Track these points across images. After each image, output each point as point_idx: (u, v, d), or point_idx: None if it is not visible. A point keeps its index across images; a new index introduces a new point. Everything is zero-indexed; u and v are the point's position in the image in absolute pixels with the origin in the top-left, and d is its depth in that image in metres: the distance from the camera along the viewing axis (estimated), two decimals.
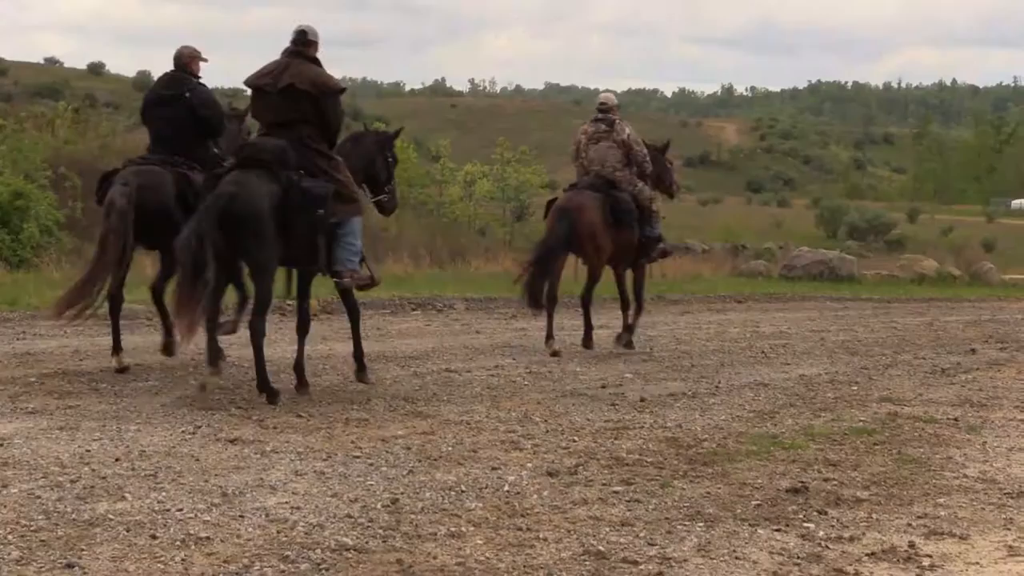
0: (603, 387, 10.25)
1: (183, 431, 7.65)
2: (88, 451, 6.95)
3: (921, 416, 9.30)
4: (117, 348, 10.33)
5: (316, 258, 9.28)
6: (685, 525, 5.85)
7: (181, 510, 5.77)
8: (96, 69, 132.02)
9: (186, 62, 10.74)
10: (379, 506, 5.98)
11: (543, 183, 51.51)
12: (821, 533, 5.80)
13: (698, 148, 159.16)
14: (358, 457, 7.05)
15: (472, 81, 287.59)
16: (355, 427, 8.02)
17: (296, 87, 9.18)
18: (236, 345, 11.13)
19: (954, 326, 18.68)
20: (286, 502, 5.99)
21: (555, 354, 12.30)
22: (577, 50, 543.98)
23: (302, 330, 9.62)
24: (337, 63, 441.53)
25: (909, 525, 5.98)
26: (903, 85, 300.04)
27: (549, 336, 12.61)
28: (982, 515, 6.23)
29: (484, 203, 49.60)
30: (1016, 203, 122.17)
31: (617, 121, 12.97)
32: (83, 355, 11.06)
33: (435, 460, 7.06)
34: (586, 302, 13.16)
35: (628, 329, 13.35)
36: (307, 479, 6.48)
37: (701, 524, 5.87)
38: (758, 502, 6.30)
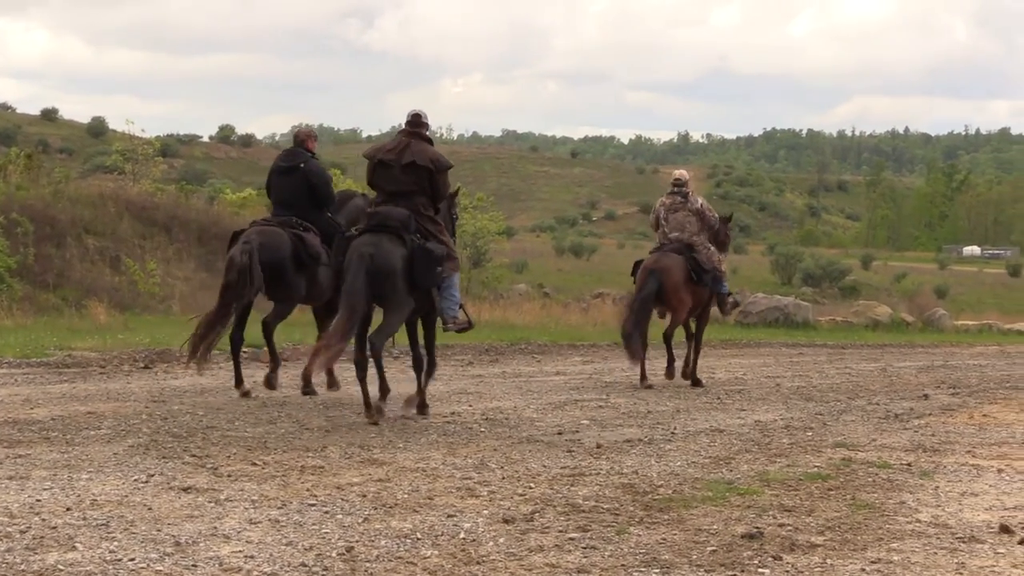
0: (559, 434, 10.24)
1: (136, 479, 7.60)
2: (38, 500, 6.89)
3: (875, 461, 9.34)
4: (239, 381, 12.13)
5: (432, 308, 10.96)
6: (641, 571, 5.84)
7: (133, 560, 5.72)
8: (49, 115, 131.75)
9: (302, 139, 12.71)
10: (334, 554, 5.95)
11: (500, 230, 51.47)
12: None
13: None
14: (313, 505, 7.02)
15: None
16: (310, 475, 7.98)
17: (417, 163, 10.78)
18: (191, 392, 11.04)
19: (907, 372, 18.80)
20: (240, 551, 5.95)
21: (649, 386, 14.40)
22: (534, 97, 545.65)
23: (430, 370, 11.34)
24: (293, 109, 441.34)
25: (863, 570, 5.99)
26: (856, 133, 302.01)
27: (643, 377, 14.63)
28: (935, 560, 6.25)
29: None
30: (968, 250, 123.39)
31: (690, 193, 15.10)
32: (33, 403, 10.98)
33: (391, 507, 7.03)
34: (668, 339, 15.05)
35: (691, 369, 15.27)
36: (261, 527, 6.44)
37: (657, 570, 5.87)
38: (714, 548, 6.31)
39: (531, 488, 7.77)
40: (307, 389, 12.40)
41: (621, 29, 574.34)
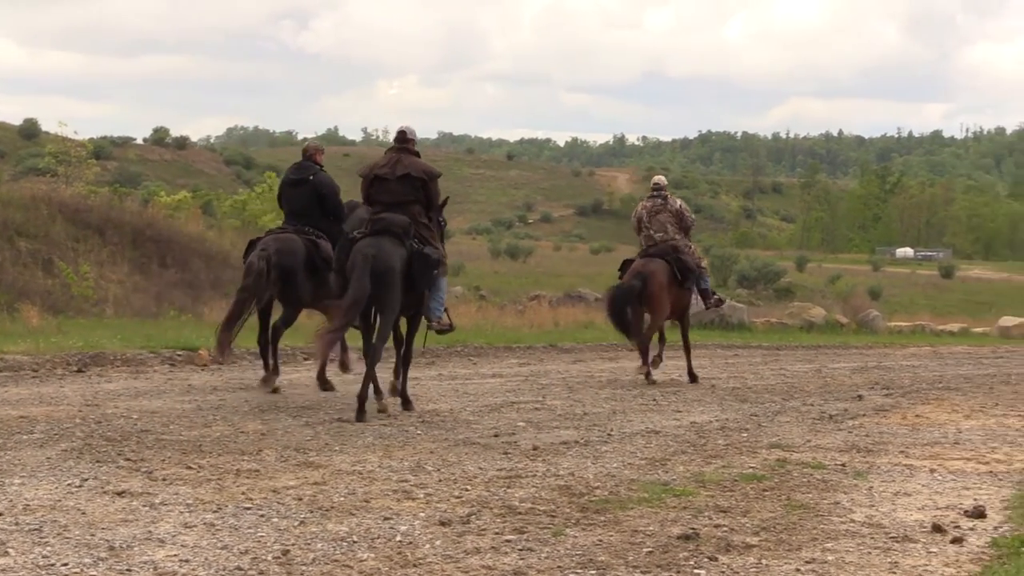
0: (496, 436, 10.25)
1: (69, 484, 7.53)
2: None
3: (809, 462, 9.40)
4: (275, 371, 13.09)
5: (421, 308, 11.95)
6: (577, 573, 5.86)
7: (67, 565, 5.67)
8: None
9: (311, 154, 13.53)
10: (270, 558, 5.93)
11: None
12: None
13: (590, 197, 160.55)
14: (249, 508, 6.99)
15: (365, 130, 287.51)
16: (246, 478, 7.94)
17: (411, 175, 11.76)
18: (125, 396, 10.97)
19: (841, 373, 18.94)
20: (175, 555, 5.91)
21: (651, 381, 15.44)
22: (470, 99, 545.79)
23: (406, 362, 12.30)
24: (228, 111, 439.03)
25: (798, 570, 6.03)
26: (791, 135, 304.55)
27: (644, 363, 15.68)
28: (868, 559, 6.30)
29: None
30: (901, 252, 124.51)
31: (669, 196, 16.30)
32: None
33: (327, 510, 7.01)
34: (646, 340, 15.86)
35: (654, 360, 16.07)
36: (197, 531, 6.40)
37: (593, 572, 5.88)
38: (650, 549, 6.33)
39: (467, 490, 7.77)
40: (325, 386, 13.26)
41: (557, 32, 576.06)
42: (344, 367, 13.56)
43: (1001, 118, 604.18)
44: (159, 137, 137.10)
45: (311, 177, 13.24)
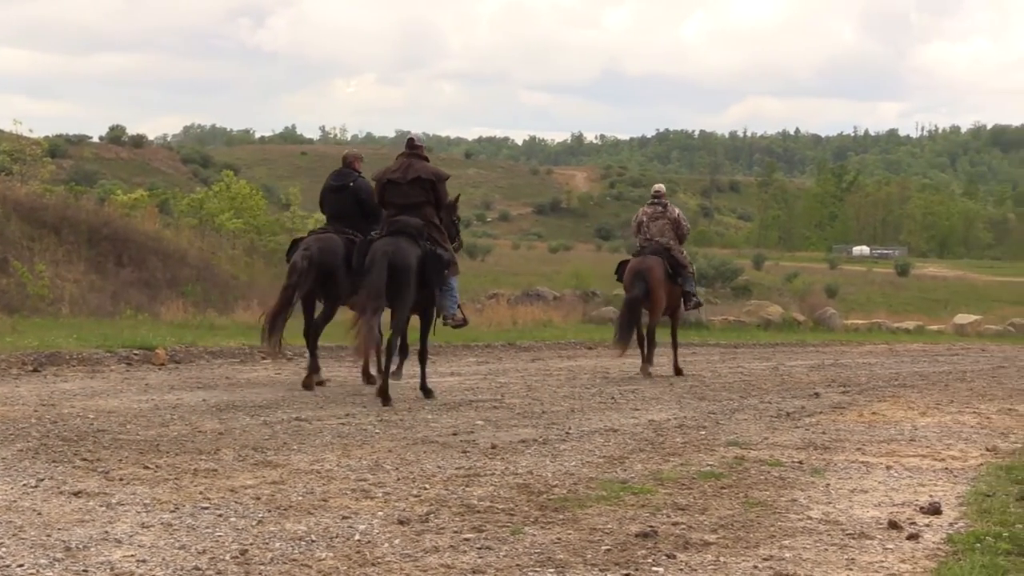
0: (454, 434, 10.25)
1: (25, 484, 7.49)
2: None
3: (767, 460, 9.44)
4: (314, 370, 13.79)
5: (434, 304, 12.88)
6: (536, 571, 5.86)
7: (22, 566, 5.63)
8: None
9: (350, 161, 14.60)
10: (228, 557, 5.91)
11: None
12: None
13: (548, 195, 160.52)
14: (206, 508, 6.96)
15: (323, 128, 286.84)
16: (203, 477, 7.91)
17: (422, 177, 12.70)
18: (81, 395, 10.91)
19: (799, 370, 19.03)
20: (132, 555, 5.88)
21: (648, 376, 16.49)
22: (427, 98, 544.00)
23: (423, 358, 13.16)
24: (184, 110, 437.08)
25: (755, 567, 6.06)
26: (748, 134, 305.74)
27: (646, 362, 16.94)
28: (825, 556, 6.33)
29: None
30: (857, 250, 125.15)
31: (668, 204, 17.62)
32: None
33: (285, 510, 6.99)
34: (651, 333, 17.15)
35: (675, 370, 17.37)
36: (154, 531, 6.37)
37: (552, 570, 5.89)
38: (608, 547, 6.34)
39: (426, 489, 7.76)
40: (369, 379, 13.99)
41: (515, 30, 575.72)
42: (396, 374, 13.81)
43: (956, 117, 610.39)
44: (115, 135, 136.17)
45: (351, 183, 14.19)
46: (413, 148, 13.08)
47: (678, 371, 17.28)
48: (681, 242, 17.63)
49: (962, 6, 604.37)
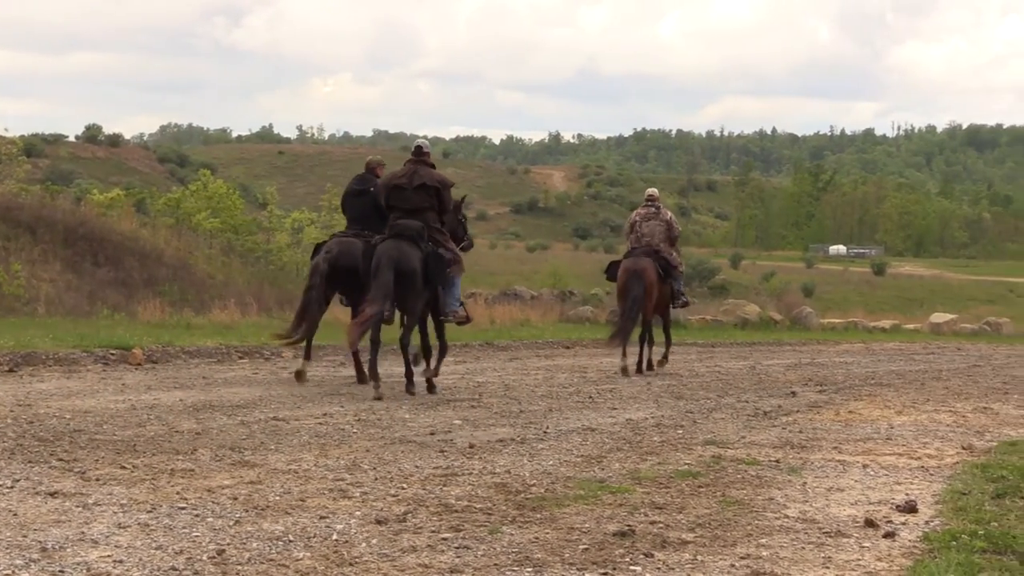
0: (432, 434, 10.24)
1: (0, 485, 7.46)
2: None
3: (744, 458, 9.46)
4: (305, 355, 14.48)
5: (437, 302, 13.41)
6: (514, 571, 5.86)
7: None
8: None
9: (372, 167, 15.10)
10: (205, 557, 5.89)
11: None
12: (648, 575, 5.86)
13: (526, 195, 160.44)
14: (183, 508, 6.95)
15: (300, 127, 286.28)
16: (180, 477, 7.90)
17: (427, 184, 13.30)
18: (58, 396, 10.87)
19: (775, 370, 19.08)
20: (108, 555, 5.87)
21: (625, 372, 16.95)
22: (405, 97, 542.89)
23: (432, 351, 13.73)
24: (161, 109, 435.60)
25: (733, 566, 6.07)
26: (725, 133, 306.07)
27: (624, 355, 17.20)
28: (802, 554, 6.35)
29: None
30: (834, 249, 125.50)
31: (661, 207, 18.20)
32: None
33: (262, 510, 6.98)
34: (642, 339, 17.76)
35: (664, 358, 18.35)
36: (131, 532, 6.36)
37: (530, 569, 5.89)
38: (586, 546, 6.35)
39: (404, 489, 7.76)
40: (362, 379, 14.25)
41: (491, 29, 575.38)
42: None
43: (931, 116, 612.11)
44: (91, 134, 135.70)
45: (371, 188, 14.56)
46: (420, 155, 13.65)
47: (664, 359, 18.26)
48: (672, 244, 18.26)
49: (937, 6, 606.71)
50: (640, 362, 17.60)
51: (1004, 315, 43.99)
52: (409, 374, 13.28)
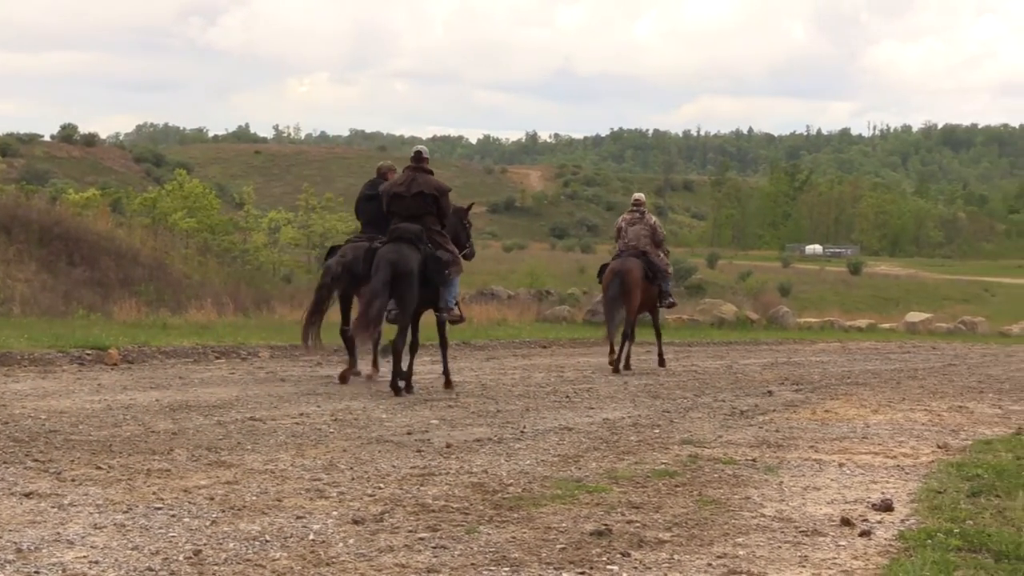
0: (409, 434, 10.23)
1: None
2: None
3: (721, 457, 9.47)
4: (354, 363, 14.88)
5: (437, 301, 13.84)
6: (491, 570, 5.86)
7: None
8: None
9: (384, 172, 15.42)
10: (181, 558, 5.88)
11: (349, 230, 51.23)
12: (624, 575, 5.87)
13: (503, 194, 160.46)
14: (160, 508, 6.92)
15: (276, 127, 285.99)
16: (157, 478, 7.87)
17: (424, 192, 13.68)
18: (33, 396, 10.82)
19: (752, 369, 19.12)
20: (84, 556, 5.85)
21: (615, 368, 17.69)
22: (381, 96, 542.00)
23: (443, 346, 14.42)
24: (137, 108, 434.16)
25: (709, 565, 6.08)
26: (702, 133, 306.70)
27: (612, 351, 17.97)
28: (779, 553, 6.36)
29: (289, 250, 49.14)
30: (810, 249, 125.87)
31: (646, 212, 19.01)
32: None
33: (239, 510, 6.96)
34: (625, 335, 18.36)
35: (660, 359, 19.18)
36: (107, 532, 6.33)
37: (507, 569, 5.89)
38: (563, 546, 6.35)
39: (381, 488, 7.75)
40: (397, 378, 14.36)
41: (468, 29, 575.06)
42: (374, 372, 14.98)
43: (907, 116, 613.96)
44: (67, 134, 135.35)
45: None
46: (419, 162, 14.01)
47: (662, 361, 19.05)
48: (658, 246, 18.93)
49: (912, 6, 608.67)
50: (623, 358, 18.14)
51: (979, 314, 44.21)
52: (397, 374, 13.41)
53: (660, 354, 19.27)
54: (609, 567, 5.98)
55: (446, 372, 14.30)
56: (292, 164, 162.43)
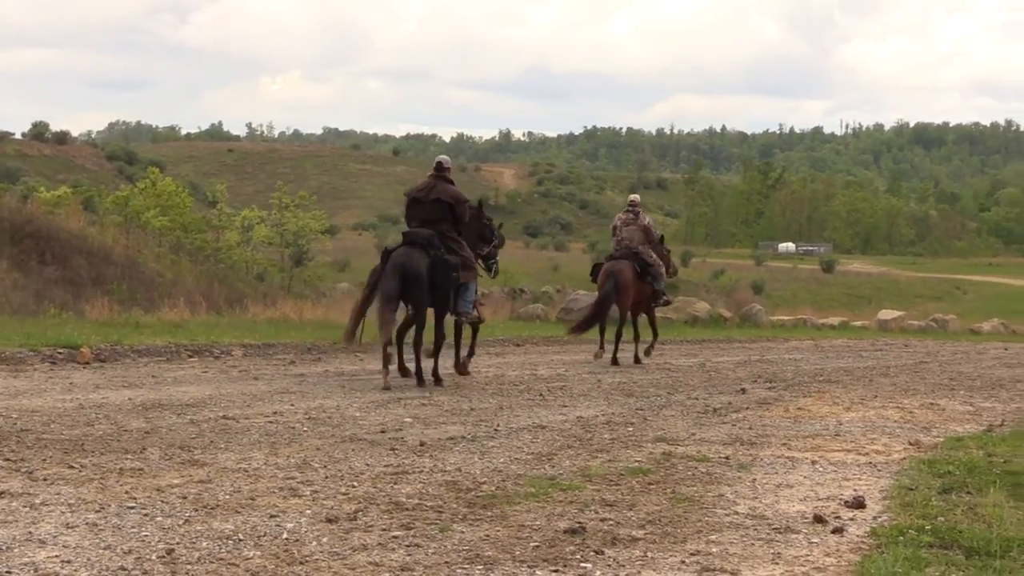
0: (382, 432, 10.23)
1: None
2: None
3: (694, 455, 9.49)
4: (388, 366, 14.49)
5: (447, 304, 14.45)
6: (465, 568, 5.86)
7: None
8: None
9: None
10: (154, 557, 5.86)
11: (322, 228, 51.15)
12: (598, 573, 5.87)
13: (476, 193, 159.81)
14: (132, 507, 6.90)
15: (249, 125, 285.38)
16: (129, 477, 7.85)
17: (442, 199, 14.49)
18: (4, 395, 10.76)
19: (725, 366, 19.16)
20: (56, 556, 5.83)
21: (598, 357, 18.85)
22: (355, 95, 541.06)
23: (435, 343, 14.66)
24: (109, 106, 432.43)
25: (683, 562, 6.09)
26: (675, 131, 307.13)
27: (602, 347, 19.19)
28: (752, 550, 6.38)
29: (262, 249, 48.96)
30: (783, 247, 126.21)
31: (640, 212, 19.88)
32: None
33: (212, 509, 6.95)
34: (618, 334, 19.29)
35: (646, 352, 19.79)
36: (79, 532, 6.31)
37: (480, 567, 5.89)
38: (536, 543, 6.35)
39: (354, 487, 7.74)
40: (405, 373, 15.00)
41: (441, 27, 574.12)
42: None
43: (879, 115, 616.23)
44: (38, 132, 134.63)
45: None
46: (440, 171, 14.78)
47: (645, 355, 19.69)
48: (654, 246, 19.78)
49: (883, 5, 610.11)
50: (614, 355, 18.97)
51: (950, 312, 44.45)
52: (419, 371, 14.29)
53: (651, 346, 20.06)
54: (583, 565, 5.99)
55: (435, 369, 14.54)
56: (265, 162, 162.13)
